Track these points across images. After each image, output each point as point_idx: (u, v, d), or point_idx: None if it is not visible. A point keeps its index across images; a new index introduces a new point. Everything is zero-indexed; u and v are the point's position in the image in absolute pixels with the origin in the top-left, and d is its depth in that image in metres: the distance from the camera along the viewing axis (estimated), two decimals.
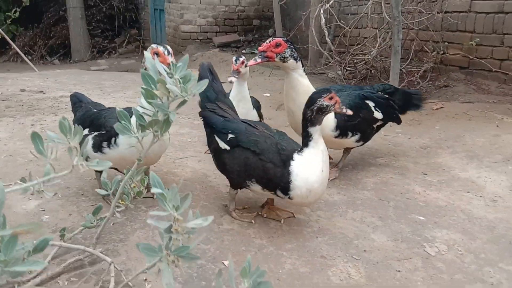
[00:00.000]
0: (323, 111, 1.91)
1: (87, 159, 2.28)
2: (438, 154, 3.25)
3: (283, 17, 9.17)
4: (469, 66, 5.88)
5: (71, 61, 12.71)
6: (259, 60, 2.34)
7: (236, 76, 2.77)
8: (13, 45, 8.99)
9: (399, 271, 1.83)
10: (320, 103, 1.90)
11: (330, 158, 3.05)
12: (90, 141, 2.19)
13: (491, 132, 3.63)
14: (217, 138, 2.11)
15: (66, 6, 12.74)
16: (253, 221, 2.15)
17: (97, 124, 2.24)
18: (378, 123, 2.81)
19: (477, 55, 5.76)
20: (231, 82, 2.76)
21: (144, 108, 1.55)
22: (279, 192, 1.95)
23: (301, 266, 1.83)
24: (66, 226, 1.88)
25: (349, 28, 6.36)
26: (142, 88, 1.36)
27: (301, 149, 1.94)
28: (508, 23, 5.34)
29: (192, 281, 1.68)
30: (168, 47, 2.20)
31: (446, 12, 5.98)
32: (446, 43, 6.12)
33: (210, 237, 1.99)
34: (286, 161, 1.91)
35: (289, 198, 1.94)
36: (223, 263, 1.80)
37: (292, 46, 2.36)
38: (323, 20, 6.31)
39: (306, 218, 2.24)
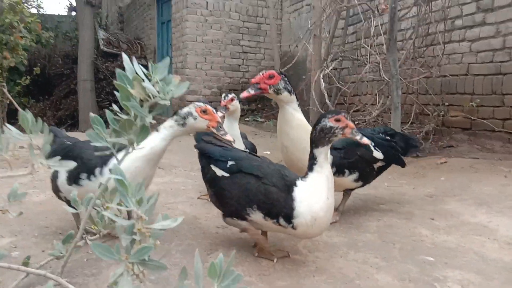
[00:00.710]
0: (325, 132, 1.79)
1: (58, 193, 2.16)
2: (444, 201, 3.06)
3: None
4: (472, 127, 5.83)
5: (78, 131, 12.94)
6: (252, 92, 2.28)
7: (223, 111, 2.74)
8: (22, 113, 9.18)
9: None
10: (324, 123, 1.80)
11: None
12: (63, 173, 2.03)
13: (499, 182, 3.46)
14: (214, 168, 2.00)
15: (77, 79, 13.27)
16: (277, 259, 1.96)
17: (71, 155, 2.02)
18: (379, 164, 2.67)
19: (479, 115, 5.74)
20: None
21: (119, 112, 1.44)
22: (281, 221, 1.80)
23: None
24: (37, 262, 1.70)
25: (349, 93, 6.47)
26: (117, 85, 1.28)
27: (306, 174, 1.82)
28: (507, 84, 5.38)
29: None
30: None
31: (444, 76, 6.09)
32: (447, 105, 6.15)
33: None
34: (289, 186, 1.81)
35: (293, 227, 1.79)
36: None
37: (286, 79, 2.31)
38: (323, 83, 6.45)
39: (302, 258, 2.03)
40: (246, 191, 1.86)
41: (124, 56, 1.45)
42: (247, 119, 10.01)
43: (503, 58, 5.41)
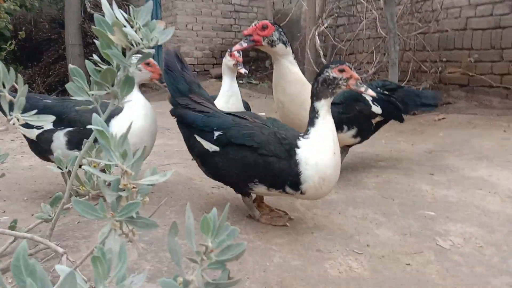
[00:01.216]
0: (328, 83, 1.65)
1: (48, 156, 2.05)
2: (444, 157, 3.00)
3: None
4: (469, 83, 5.73)
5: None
6: (245, 45, 2.13)
7: (243, 68, 2.72)
8: None
9: (409, 264, 1.56)
10: (327, 74, 1.66)
11: None
12: (62, 137, 1.99)
13: (499, 136, 3.40)
14: (199, 139, 1.76)
15: (65, 44, 12.89)
16: (288, 223, 1.84)
17: (67, 119, 1.99)
18: (377, 119, 2.59)
19: (477, 71, 5.63)
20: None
21: (100, 62, 1.33)
22: (288, 189, 1.66)
23: (292, 259, 1.55)
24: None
25: (345, 51, 6.30)
26: (95, 31, 1.16)
27: (307, 130, 1.66)
28: (506, 38, 5.23)
29: (161, 276, 1.41)
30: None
31: (442, 31, 5.92)
32: (444, 62, 6.02)
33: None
34: (290, 150, 1.63)
35: (301, 193, 1.65)
36: None
37: (280, 29, 2.16)
38: (318, 41, 6.27)
39: (300, 216, 1.97)
40: (244, 167, 1.66)
41: (103, 1, 1.32)
42: (241, 81, 9.82)
43: (503, 11, 5.24)
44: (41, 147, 2.07)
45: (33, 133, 2.05)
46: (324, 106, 1.65)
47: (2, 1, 7.95)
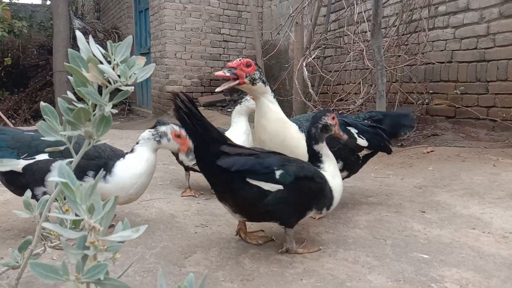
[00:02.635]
0: (327, 129, 1.97)
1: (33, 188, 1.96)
2: (434, 192, 2.94)
3: (268, 78, 9.20)
4: (456, 115, 5.77)
5: None
6: (228, 74, 2.07)
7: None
8: None
9: None
10: (325, 121, 1.96)
11: None
12: None
13: (489, 170, 3.37)
14: (256, 182, 1.71)
15: (52, 70, 12.81)
16: (321, 247, 2.00)
17: (67, 149, 1.89)
18: (364, 152, 2.54)
19: (463, 103, 5.68)
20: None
21: (74, 101, 1.24)
22: (324, 210, 1.95)
23: None
24: None
25: (333, 82, 6.33)
26: (68, 68, 1.08)
27: (318, 166, 1.97)
28: (491, 71, 5.31)
29: None
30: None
31: (428, 63, 6.00)
32: (431, 93, 6.07)
33: (168, 281, 1.60)
34: (325, 178, 1.93)
35: (326, 211, 1.98)
36: None
37: (260, 70, 2.15)
38: (306, 72, 6.29)
39: (288, 259, 1.87)
40: (308, 196, 1.85)
41: (78, 33, 1.24)
42: (229, 109, 9.80)
43: (487, 45, 5.33)
44: (26, 179, 1.94)
45: (19, 165, 1.92)
46: (323, 148, 1.99)
47: None
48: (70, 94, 1.25)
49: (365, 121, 2.76)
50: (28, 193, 1.37)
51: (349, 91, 6.57)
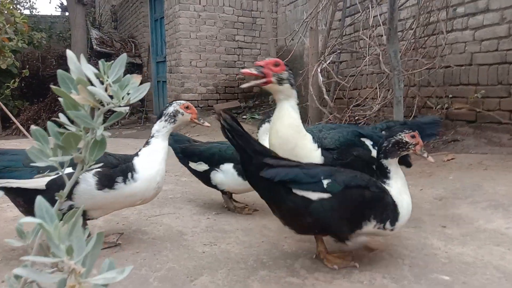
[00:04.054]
0: (400, 146, 1.86)
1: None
2: (455, 205, 2.80)
3: None
4: (477, 119, 5.56)
5: None
6: (254, 72, 2.00)
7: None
8: (12, 118, 8.96)
9: None
10: (400, 137, 1.87)
11: None
12: (91, 178, 1.94)
13: None
14: (301, 192, 1.71)
15: None
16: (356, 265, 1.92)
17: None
18: None
19: (484, 107, 5.47)
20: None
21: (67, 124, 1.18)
22: (387, 225, 1.83)
23: None
24: None
25: (348, 87, 6.20)
26: (55, 91, 1.02)
27: (383, 181, 1.88)
28: None
29: None
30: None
31: (447, 66, 5.82)
32: (450, 98, 5.89)
33: None
34: (386, 190, 1.84)
35: (392, 230, 1.86)
36: None
37: (290, 71, 2.07)
38: (321, 78, 6.19)
39: (300, 282, 1.77)
40: (362, 205, 1.77)
41: (69, 53, 1.18)
42: (244, 116, 9.75)
43: (509, 46, 5.13)
44: (50, 194, 1.89)
45: (41, 182, 1.90)
46: (393, 164, 1.89)
47: (6, 40, 8.03)
48: (62, 116, 1.19)
49: (383, 132, 2.64)
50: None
51: (366, 97, 6.43)
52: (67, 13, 18.19)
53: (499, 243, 2.16)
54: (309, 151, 2.14)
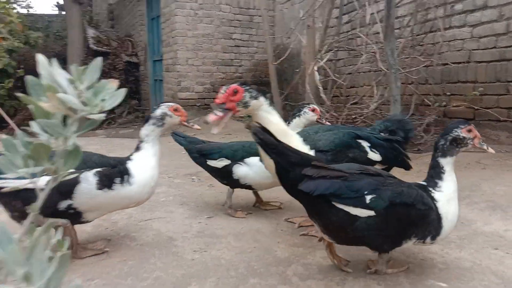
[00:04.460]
0: (458, 142, 1.78)
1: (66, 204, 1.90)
2: None
3: (281, 82, 9.07)
4: (475, 117, 5.51)
5: None
6: (220, 114, 1.96)
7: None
8: (6, 118, 8.89)
9: None
10: (456, 133, 1.77)
11: None
12: (92, 177, 1.93)
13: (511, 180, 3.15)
14: (343, 207, 1.63)
15: None
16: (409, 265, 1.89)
17: (91, 161, 1.98)
18: (377, 167, 2.36)
19: (482, 105, 5.42)
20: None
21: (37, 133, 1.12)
22: (428, 239, 1.75)
23: None
24: None
25: (345, 85, 6.13)
26: (23, 99, 0.96)
27: (435, 183, 1.78)
28: None
29: None
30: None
31: (445, 64, 5.76)
32: (448, 95, 5.83)
33: None
34: (432, 202, 1.73)
35: (431, 243, 1.79)
36: None
37: (248, 87, 2.02)
38: (318, 76, 6.13)
39: None
40: (406, 224, 1.68)
41: (39, 57, 1.12)
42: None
43: (507, 43, 5.08)
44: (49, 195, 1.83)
45: (42, 182, 1.83)
46: (449, 163, 1.78)
47: (1, 40, 7.95)
48: (34, 124, 1.13)
49: (381, 133, 2.59)
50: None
51: (363, 95, 6.37)
52: (64, 12, 18.11)
53: (497, 247, 2.11)
54: None
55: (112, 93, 1.06)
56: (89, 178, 1.92)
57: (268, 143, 1.67)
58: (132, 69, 13.77)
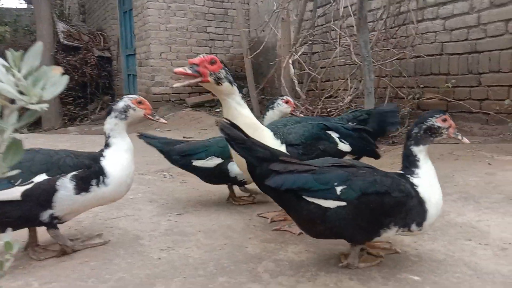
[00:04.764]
0: (432, 131, 1.75)
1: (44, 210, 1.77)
2: None
3: (257, 76, 9.00)
4: (448, 109, 5.56)
5: (41, 130, 12.23)
6: (189, 71, 1.89)
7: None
8: None
9: None
10: (431, 122, 1.75)
11: None
12: (69, 183, 1.82)
13: (484, 170, 3.16)
14: (313, 200, 1.61)
15: None
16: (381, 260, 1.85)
17: (65, 164, 1.85)
18: (347, 157, 2.33)
19: (455, 97, 5.48)
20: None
21: None
22: (413, 227, 1.72)
23: None
24: None
25: (320, 78, 6.10)
26: None
27: (412, 171, 1.75)
28: (483, 62, 5.11)
29: None
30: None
31: (418, 56, 5.79)
32: (422, 87, 5.87)
33: None
34: (411, 188, 1.69)
35: (420, 230, 1.75)
36: None
37: (227, 69, 1.96)
38: (292, 69, 6.08)
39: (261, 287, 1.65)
40: (381, 213, 1.64)
41: None
42: (217, 110, 9.56)
43: (478, 35, 5.13)
44: (29, 205, 1.74)
45: (16, 192, 1.72)
46: (422, 152, 1.76)
47: None
48: None
49: (349, 123, 2.56)
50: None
51: (338, 88, 6.36)
52: (32, 6, 17.52)
53: (470, 238, 2.09)
54: None
55: (54, 81, 0.96)
56: (67, 185, 1.82)
57: (235, 139, 1.63)
58: (105, 64, 13.44)
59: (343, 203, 1.59)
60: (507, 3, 4.73)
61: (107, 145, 2.02)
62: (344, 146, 2.28)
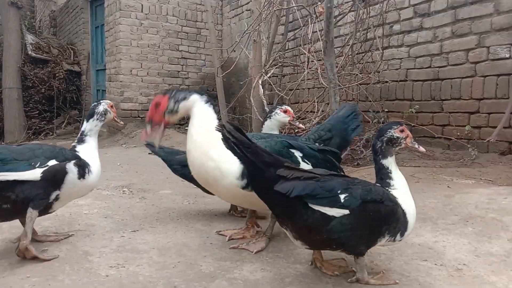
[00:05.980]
0: (393, 142, 1.82)
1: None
2: None
3: (228, 96, 9.01)
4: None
5: (3, 143, 11.78)
6: (149, 129, 1.98)
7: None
8: None
9: None
10: (391, 133, 1.81)
11: (257, 225, 2.49)
12: (74, 167, 2.09)
13: (443, 192, 3.22)
14: (319, 208, 1.60)
15: (1, 87, 12.15)
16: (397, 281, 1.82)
17: (66, 153, 2.11)
18: None
19: (418, 122, 5.64)
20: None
21: None
22: (398, 237, 1.76)
23: None
24: None
25: (289, 100, 6.16)
26: None
27: (387, 183, 1.79)
28: (445, 89, 5.30)
29: None
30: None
31: (383, 82, 5.95)
32: (387, 112, 6.01)
33: None
34: (396, 201, 1.74)
35: (400, 240, 1.80)
36: None
37: (171, 93, 2.00)
38: (261, 90, 6.12)
39: None
40: (379, 221, 1.68)
41: None
42: (186, 128, 9.47)
43: (440, 63, 5.33)
44: (45, 184, 1.96)
45: (37, 173, 1.95)
46: (392, 163, 1.82)
47: None
48: None
49: (316, 144, 2.54)
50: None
51: (305, 109, 6.43)
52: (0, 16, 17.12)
53: (426, 258, 2.10)
54: (229, 162, 1.99)
55: None
56: (73, 169, 2.07)
57: (243, 142, 1.60)
58: (74, 78, 13.16)
59: (347, 211, 1.61)
60: (467, 34, 4.95)
61: (81, 141, 2.25)
62: (306, 166, 2.26)
